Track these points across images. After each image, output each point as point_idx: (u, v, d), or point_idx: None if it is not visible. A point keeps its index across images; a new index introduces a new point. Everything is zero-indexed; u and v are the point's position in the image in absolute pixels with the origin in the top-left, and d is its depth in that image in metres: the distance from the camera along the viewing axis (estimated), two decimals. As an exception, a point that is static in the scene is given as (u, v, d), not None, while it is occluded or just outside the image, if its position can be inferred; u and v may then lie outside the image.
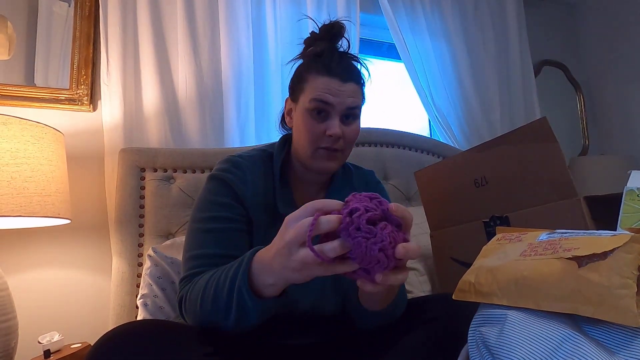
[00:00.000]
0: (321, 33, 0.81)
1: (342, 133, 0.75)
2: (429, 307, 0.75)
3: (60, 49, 1.35)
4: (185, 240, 0.75)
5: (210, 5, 1.48)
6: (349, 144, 0.79)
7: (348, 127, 0.77)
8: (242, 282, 0.56)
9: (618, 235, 0.53)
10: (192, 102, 1.42)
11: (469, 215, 1.07)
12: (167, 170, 1.28)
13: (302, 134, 0.77)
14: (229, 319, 0.59)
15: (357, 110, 0.78)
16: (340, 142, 0.76)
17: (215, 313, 0.60)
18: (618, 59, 2.41)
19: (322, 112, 0.75)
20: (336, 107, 0.75)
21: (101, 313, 1.26)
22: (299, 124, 0.78)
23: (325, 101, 0.74)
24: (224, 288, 0.59)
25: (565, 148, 0.96)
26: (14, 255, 1.20)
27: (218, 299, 0.59)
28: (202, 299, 0.61)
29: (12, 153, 0.93)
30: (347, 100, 0.75)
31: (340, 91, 0.74)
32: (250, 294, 0.56)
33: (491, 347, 0.51)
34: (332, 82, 0.74)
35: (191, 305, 0.64)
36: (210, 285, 0.61)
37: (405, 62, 1.86)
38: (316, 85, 0.75)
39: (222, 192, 0.75)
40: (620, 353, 0.46)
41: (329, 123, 0.75)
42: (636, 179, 0.84)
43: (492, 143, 1.03)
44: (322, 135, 0.75)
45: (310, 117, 0.75)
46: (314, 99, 0.74)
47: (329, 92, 0.74)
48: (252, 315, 0.58)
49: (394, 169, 1.60)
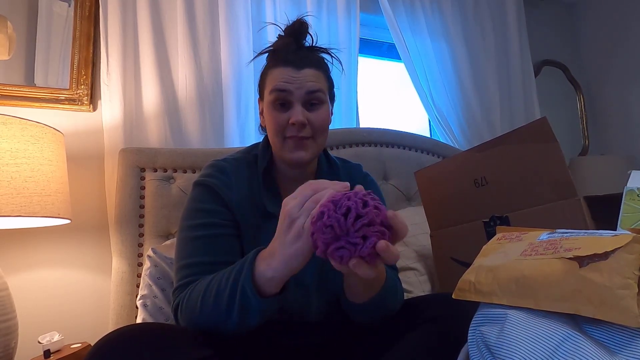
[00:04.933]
0: (286, 33, 0.81)
1: (307, 119, 0.75)
2: (428, 306, 0.75)
3: (60, 49, 1.34)
4: (175, 249, 0.74)
5: (210, 5, 1.48)
6: (319, 130, 0.78)
7: (313, 113, 0.76)
8: (246, 280, 0.56)
9: (620, 235, 0.53)
10: (192, 102, 1.42)
11: (469, 215, 1.07)
12: (167, 170, 1.28)
13: (270, 128, 0.78)
14: (230, 320, 0.59)
15: (319, 94, 0.77)
16: (307, 129, 0.76)
17: (217, 315, 0.60)
18: (618, 59, 2.41)
19: (284, 102, 0.76)
20: (294, 93, 0.75)
21: (101, 313, 1.26)
22: (267, 120, 0.79)
23: (282, 89, 0.75)
24: (226, 288, 0.59)
25: (565, 148, 0.96)
26: (14, 255, 1.20)
27: (220, 300, 0.59)
28: (203, 302, 0.61)
29: (12, 153, 0.93)
30: (307, 85, 0.75)
31: (295, 78, 0.75)
32: (253, 292, 0.56)
33: (491, 346, 0.51)
34: (286, 70, 0.75)
35: (189, 310, 0.64)
36: (212, 287, 0.61)
37: (405, 62, 1.86)
38: (273, 76, 0.77)
39: (208, 199, 0.75)
40: (621, 353, 0.46)
41: (291, 111, 0.75)
42: (636, 179, 0.84)
43: (492, 143, 1.04)
44: (286, 124, 0.75)
45: (273, 109, 0.76)
46: (272, 90, 0.76)
47: (285, 80, 0.75)
48: (254, 315, 0.58)
49: (394, 169, 1.60)
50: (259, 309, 0.57)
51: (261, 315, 0.58)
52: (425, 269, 1.27)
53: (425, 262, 1.28)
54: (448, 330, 0.67)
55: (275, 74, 0.76)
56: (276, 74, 0.76)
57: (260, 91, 0.83)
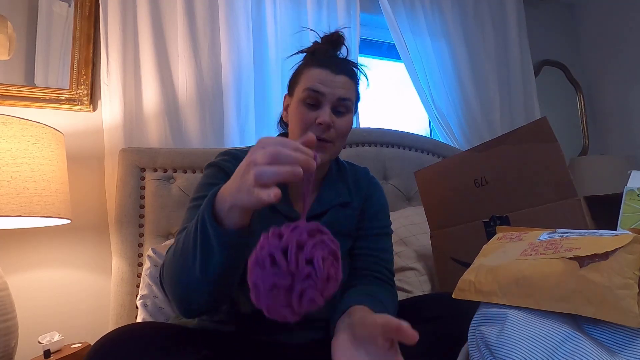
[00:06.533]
0: (323, 41, 0.84)
1: (333, 123, 0.77)
2: (428, 306, 0.75)
3: (60, 49, 1.34)
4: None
5: (210, 5, 1.48)
6: (340, 136, 0.80)
7: (339, 119, 0.78)
8: (206, 211, 0.55)
9: (620, 235, 0.53)
10: (192, 102, 1.42)
11: (469, 215, 1.07)
12: (167, 170, 1.28)
13: (295, 124, 0.79)
14: (195, 260, 0.56)
15: (348, 103, 0.79)
16: (331, 132, 0.77)
17: (184, 259, 0.58)
18: (618, 59, 2.41)
19: (314, 101, 0.77)
20: (327, 96, 0.76)
21: (101, 313, 1.26)
22: (293, 115, 0.80)
23: (317, 90, 0.76)
24: (191, 229, 0.58)
25: (565, 148, 0.96)
26: (14, 255, 1.20)
27: (186, 240, 0.58)
28: (174, 251, 0.60)
29: (12, 153, 0.93)
30: (339, 91, 0.77)
31: (331, 81, 0.77)
32: (211, 221, 0.54)
33: (491, 346, 0.51)
34: (324, 72, 0.77)
35: (167, 266, 0.62)
36: (181, 235, 0.61)
37: (405, 62, 1.86)
38: (309, 76, 0.78)
39: (217, 176, 0.77)
40: (621, 353, 0.46)
41: (319, 112, 0.76)
42: (636, 179, 0.84)
43: (492, 143, 1.04)
44: (313, 123, 0.76)
45: (302, 106, 0.77)
46: (306, 89, 0.77)
47: (321, 82, 0.76)
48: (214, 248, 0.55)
49: (394, 169, 1.60)
50: (218, 238, 0.54)
51: (222, 247, 0.55)
52: (425, 269, 1.27)
53: (425, 262, 1.28)
54: (448, 330, 0.67)
55: (312, 73, 0.78)
56: (313, 74, 0.78)
57: (291, 87, 0.84)
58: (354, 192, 0.88)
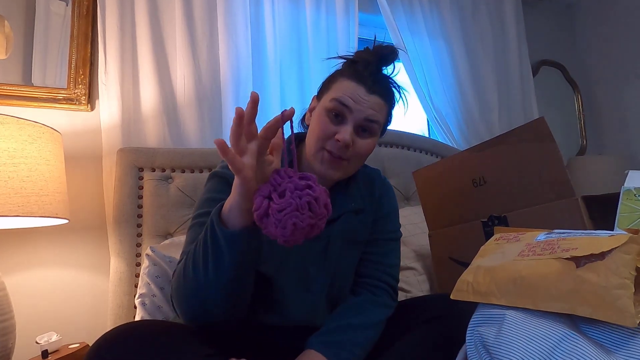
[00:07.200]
0: (370, 53, 0.80)
1: (353, 142, 0.73)
2: (427, 306, 0.75)
3: (58, 48, 1.34)
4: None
5: (209, 4, 1.48)
6: (358, 157, 0.76)
7: (361, 140, 0.75)
8: (215, 216, 0.58)
9: (616, 235, 0.53)
10: (190, 101, 1.41)
11: (467, 215, 1.07)
12: (166, 170, 1.28)
13: (313, 131, 0.76)
14: (207, 267, 0.58)
15: (375, 126, 0.75)
16: (348, 151, 0.73)
17: (196, 268, 0.59)
18: (616, 59, 2.41)
19: (339, 115, 0.74)
20: (354, 113, 0.73)
21: (99, 313, 1.25)
22: (314, 122, 0.77)
23: (344, 103, 0.73)
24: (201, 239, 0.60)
25: (563, 148, 0.97)
26: (12, 255, 1.20)
27: (198, 250, 0.60)
28: (186, 262, 0.62)
29: (9, 153, 0.93)
30: (368, 111, 0.73)
31: (363, 99, 0.73)
32: (219, 224, 0.57)
33: (489, 346, 0.52)
34: (358, 88, 0.73)
35: (178, 279, 0.63)
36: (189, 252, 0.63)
37: (403, 62, 1.86)
38: (341, 87, 0.74)
39: (220, 189, 0.75)
40: (618, 353, 0.46)
41: (341, 127, 0.73)
42: (633, 179, 0.84)
43: (491, 143, 1.04)
44: (331, 137, 0.73)
45: (325, 116, 0.74)
46: (334, 99, 0.74)
47: (351, 97, 0.73)
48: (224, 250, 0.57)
49: (393, 169, 1.61)
50: (227, 240, 0.56)
51: (231, 248, 0.57)
52: (423, 269, 1.27)
53: (423, 261, 1.28)
54: (446, 330, 0.67)
55: (345, 85, 0.74)
56: (346, 86, 0.74)
57: (321, 91, 0.80)
58: (367, 196, 0.85)
